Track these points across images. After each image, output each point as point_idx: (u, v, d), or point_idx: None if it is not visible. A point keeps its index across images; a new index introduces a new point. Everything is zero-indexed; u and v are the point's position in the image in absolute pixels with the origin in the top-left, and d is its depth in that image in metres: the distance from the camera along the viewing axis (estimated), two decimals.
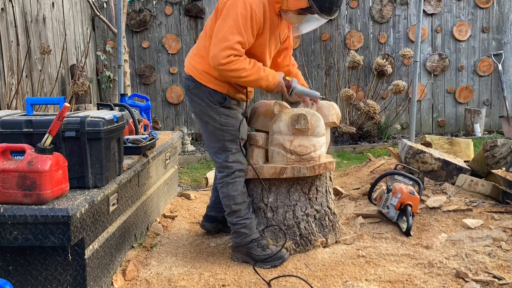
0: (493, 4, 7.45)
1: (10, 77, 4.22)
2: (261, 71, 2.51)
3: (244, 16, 2.38)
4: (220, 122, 2.61)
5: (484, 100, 7.63)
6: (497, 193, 3.28)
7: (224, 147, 2.64)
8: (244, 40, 2.41)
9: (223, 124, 2.62)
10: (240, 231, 2.66)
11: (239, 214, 2.67)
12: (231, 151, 2.64)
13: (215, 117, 2.62)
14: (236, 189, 2.66)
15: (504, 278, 2.28)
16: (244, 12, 2.38)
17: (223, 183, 2.67)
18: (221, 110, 2.61)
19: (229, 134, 2.63)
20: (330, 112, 2.87)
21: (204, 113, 2.64)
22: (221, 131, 2.62)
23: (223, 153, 2.64)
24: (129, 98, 4.21)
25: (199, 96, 2.63)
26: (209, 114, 2.62)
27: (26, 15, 4.66)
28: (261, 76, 2.50)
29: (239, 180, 2.67)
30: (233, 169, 2.64)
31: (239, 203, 2.67)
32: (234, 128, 2.63)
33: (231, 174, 2.65)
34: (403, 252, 2.69)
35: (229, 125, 2.63)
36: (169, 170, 3.84)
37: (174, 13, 7.14)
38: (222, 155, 2.65)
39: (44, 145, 1.99)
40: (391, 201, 3.04)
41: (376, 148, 6.59)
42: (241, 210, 2.67)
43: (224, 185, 2.67)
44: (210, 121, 2.63)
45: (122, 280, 2.45)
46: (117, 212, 2.51)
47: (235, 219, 2.67)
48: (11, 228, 1.94)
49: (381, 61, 6.62)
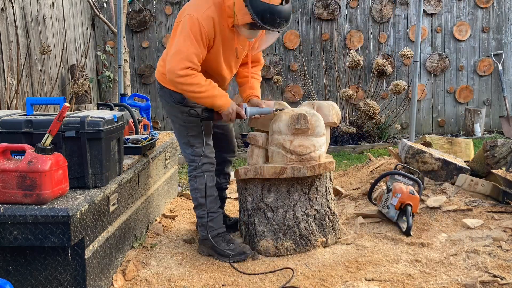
0: (493, 4, 7.45)
1: (10, 77, 4.22)
2: (215, 90, 2.59)
3: (193, 31, 2.49)
4: (182, 120, 2.74)
5: (484, 100, 7.63)
6: (497, 193, 3.28)
7: (189, 142, 2.76)
8: (198, 51, 2.51)
9: (185, 122, 2.73)
10: (206, 224, 2.76)
11: (205, 208, 2.76)
12: (195, 145, 2.76)
13: (178, 115, 2.75)
14: (202, 183, 2.76)
15: (504, 277, 2.28)
16: (193, 27, 2.49)
17: (191, 177, 2.80)
18: (182, 108, 2.71)
19: (192, 130, 2.74)
20: (330, 112, 2.87)
21: (170, 112, 2.80)
22: (184, 128, 2.75)
23: (189, 148, 2.78)
24: (129, 98, 4.22)
25: (164, 97, 2.79)
26: (173, 113, 2.78)
27: (26, 15, 4.66)
28: (215, 94, 2.58)
29: (206, 174, 2.77)
30: (200, 162, 2.75)
31: (205, 196, 2.76)
32: (195, 124, 2.73)
33: (198, 167, 2.76)
34: (403, 252, 2.69)
35: (190, 122, 2.72)
36: (169, 170, 3.84)
37: (174, 13, 7.13)
38: (188, 150, 2.78)
39: (44, 145, 1.99)
40: (391, 201, 3.04)
41: (376, 148, 6.59)
42: (206, 204, 2.76)
43: (192, 178, 2.79)
44: (175, 119, 2.79)
45: (122, 280, 2.45)
46: (117, 212, 2.51)
47: (201, 212, 2.78)
48: (11, 228, 1.94)
49: (381, 61, 6.62)
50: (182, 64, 2.48)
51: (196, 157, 2.76)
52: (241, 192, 2.88)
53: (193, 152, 2.77)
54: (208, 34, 2.53)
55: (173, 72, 2.49)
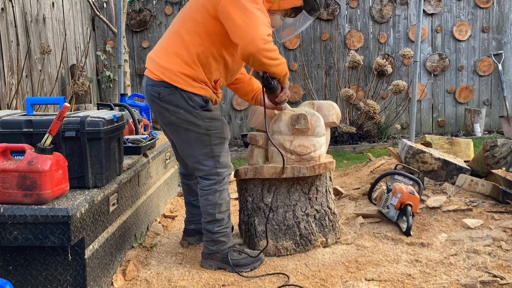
0: (493, 4, 7.45)
1: (10, 77, 4.22)
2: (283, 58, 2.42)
3: None
4: (205, 127, 2.43)
5: (484, 100, 7.63)
6: (497, 193, 3.28)
7: (211, 152, 2.46)
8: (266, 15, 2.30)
9: (208, 129, 2.44)
10: (219, 239, 2.57)
11: (222, 223, 2.56)
12: (220, 155, 2.49)
13: (198, 123, 2.42)
14: (223, 198, 2.54)
15: (504, 277, 2.28)
16: None
17: (210, 191, 2.50)
18: (203, 113, 2.43)
19: (216, 137, 2.47)
20: (330, 112, 2.87)
21: (184, 120, 2.41)
22: (207, 136, 2.45)
23: (211, 159, 2.47)
24: (129, 98, 4.22)
25: (174, 103, 2.39)
26: (190, 120, 2.41)
27: (26, 15, 4.66)
28: (284, 61, 2.42)
29: (226, 187, 2.55)
30: (223, 175, 2.52)
31: (224, 211, 2.56)
32: (219, 130, 2.49)
33: (221, 181, 2.51)
34: (403, 252, 2.69)
35: (215, 128, 2.47)
36: (169, 170, 3.84)
37: (174, 13, 7.13)
38: (209, 161, 2.48)
39: (44, 145, 1.99)
40: (391, 201, 3.04)
41: (376, 148, 6.59)
42: (224, 219, 2.57)
43: (212, 192, 2.50)
44: (193, 128, 2.42)
45: (122, 280, 2.45)
46: (117, 212, 2.51)
47: (216, 228, 2.55)
48: (11, 228, 1.94)
49: (381, 61, 6.63)
50: (266, 30, 2.22)
51: (221, 169, 2.47)
52: (241, 192, 2.88)
53: (216, 164, 2.47)
54: None
55: (261, 39, 2.19)
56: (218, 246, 2.58)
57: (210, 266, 2.60)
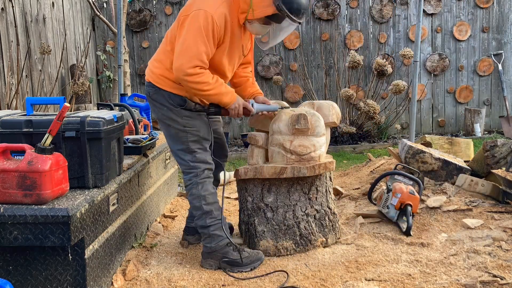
0: (493, 4, 7.45)
1: (10, 77, 4.22)
2: (222, 87, 2.54)
3: (205, 27, 2.40)
4: (182, 124, 2.61)
5: (484, 100, 7.63)
6: (497, 193, 3.28)
7: (188, 148, 2.62)
8: (208, 49, 2.44)
9: (185, 126, 2.61)
10: (214, 233, 2.62)
11: (212, 215, 2.63)
12: (197, 151, 2.63)
13: (177, 119, 2.61)
14: (206, 189, 2.63)
15: (504, 277, 2.28)
16: (206, 23, 2.40)
17: (191, 184, 2.64)
18: (182, 112, 2.60)
19: (192, 135, 2.62)
20: (330, 112, 2.87)
21: (166, 116, 2.62)
22: (184, 133, 2.62)
23: (188, 155, 2.63)
24: (129, 98, 4.22)
25: (159, 101, 2.63)
26: (170, 117, 2.61)
27: (26, 15, 4.66)
28: (221, 92, 2.53)
29: (208, 180, 2.66)
30: (201, 168, 2.63)
31: (211, 203, 2.64)
32: (196, 128, 2.63)
33: (200, 174, 2.63)
34: (403, 252, 2.69)
35: (191, 126, 2.62)
36: (169, 170, 3.84)
37: (174, 13, 7.13)
38: (187, 156, 2.64)
39: (44, 145, 1.99)
40: (391, 201, 3.04)
41: (376, 148, 6.59)
42: (213, 211, 2.63)
43: (194, 185, 2.64)
44: (172, 124, 2.62)
45: (122, 280, 2.45)
46: (117, 212, 2.51)
47: (208, 221, 2.62)
48: (11, 228, 1.94)
49: (381, 61, 6.62)
50: (192, 63, 2.40)
51: (197, 163, 2.63)
52: (241, 192, 2.88)
53: (193, 159, 2.63)
54: (219, 32, 2.45)
55: (182, 70, 2.41)
56: (216, 242, 2.61)
57: (210, 266, 2.63)
